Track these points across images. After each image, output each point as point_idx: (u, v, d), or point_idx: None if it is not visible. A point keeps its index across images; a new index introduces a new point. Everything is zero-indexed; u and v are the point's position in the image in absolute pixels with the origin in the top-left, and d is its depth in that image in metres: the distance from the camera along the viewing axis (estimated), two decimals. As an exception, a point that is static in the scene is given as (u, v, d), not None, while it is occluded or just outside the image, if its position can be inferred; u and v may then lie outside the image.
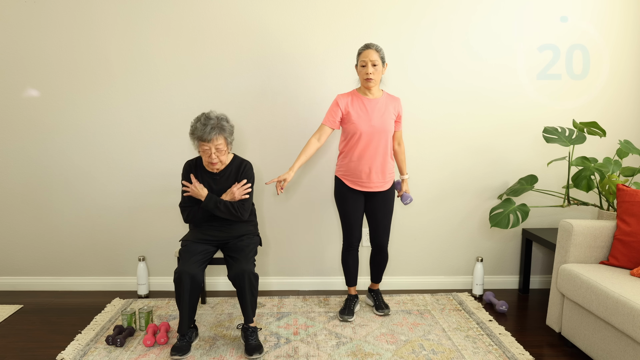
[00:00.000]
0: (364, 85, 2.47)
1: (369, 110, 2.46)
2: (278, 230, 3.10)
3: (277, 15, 2.88)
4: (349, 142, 2.48)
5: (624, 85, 3.05)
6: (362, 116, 2.44)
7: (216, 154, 2.26)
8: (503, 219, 2.75)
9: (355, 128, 2.44)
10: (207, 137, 2.20)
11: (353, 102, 2.47)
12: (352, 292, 2.73)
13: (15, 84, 2.91)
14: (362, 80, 2.45)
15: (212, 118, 2.24)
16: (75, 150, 2.98)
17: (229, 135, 2.29)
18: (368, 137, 2.44)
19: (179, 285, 2.17)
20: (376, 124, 2.44)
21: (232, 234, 2.40)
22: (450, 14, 2.92)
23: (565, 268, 2.28)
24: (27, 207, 3.04)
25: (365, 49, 2.40)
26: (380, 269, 2.73)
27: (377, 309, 2.72)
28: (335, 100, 2.49)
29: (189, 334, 2.25)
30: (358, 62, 2.44)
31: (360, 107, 2.46)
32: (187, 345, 2.23)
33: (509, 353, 2.28)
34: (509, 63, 2.99)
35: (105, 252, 3.10)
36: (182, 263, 2.20)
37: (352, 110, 2.45)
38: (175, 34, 2.88)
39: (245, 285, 2.18)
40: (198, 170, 2.40)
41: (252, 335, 2.26)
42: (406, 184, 2.69)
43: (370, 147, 2.46)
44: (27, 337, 2.45)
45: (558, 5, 2.94)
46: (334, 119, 2.47)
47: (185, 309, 2.18)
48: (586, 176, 2.63)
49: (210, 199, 2.29)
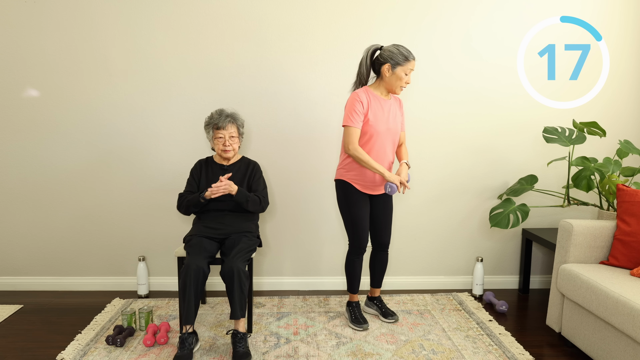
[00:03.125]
0: (388, 89, 2.36)
1: (385, 110, 2.36)
2: (278, 230, 3.10)
3: (277, 15, 2.88)
4: (365, 144, 2.35)
5: (624, 85, 3.05)
6: (379, 117, 2.33)
7: (229, 142, 2.44)
8: (503, 219, 2.75)
9: (372, 129, 2.32)
10: (222, 124, 2.42)
11: (371, 101, 2.32)
12: (356, 298, 2.63)
13: (15, 84, 2.91)
14: (395, 87, 2.32)
15: (226, 110, 2.49)
16: (75, 150, 2.98)
17: (241, 126, 2.50)
18: (383, 138, 2.35)
19: (187, 277, 2.16)
20: (391, 126, 2.38)
21: (233, 230, 2.41)
22: (451, 14, 2.92)
23: (565, 268, 2.28)
24: (27, 207, 3.04)
25: (413, 59, 2.28)
26: (382, 271, 2.66)
27: (386, 316, 2.63)
28: (357, 99, 2.29)
29: (189, 340, 2.19)
30: (397, 67, 2.28)
31: (377, 107, 2.34)
32: (189, 353, 2.17)
33: (509, 353, 2.28)
34: (509, 63, 2.99)
35: (105, 252, 3.10)
36: (191, 256, 2.21)
37: (371, 110, 2.32)
38: (175, 34, 2.88)
39: (234, 281, 2.16)
40: (209, 167, 2.53)
41: (240, 341, 2.20)
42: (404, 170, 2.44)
43: (384, 149, 2.38)
44: (27, 337, 2.45)
45: (558, 5, 2.94)
46: (358, 119, 2.29)
47: (192, 300, 2.17)
48: (586, 176, 2.63)
49: (242, 192, 2.40)
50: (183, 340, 2.17)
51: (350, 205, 2.43)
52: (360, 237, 2.47)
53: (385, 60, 2.30)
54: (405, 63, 2.28)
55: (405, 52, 2.28)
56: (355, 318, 2.57)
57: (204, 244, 2.32)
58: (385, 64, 2.31)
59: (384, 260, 2.64)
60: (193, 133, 2.98)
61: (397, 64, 2.28)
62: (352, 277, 2.57)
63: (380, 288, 2.74)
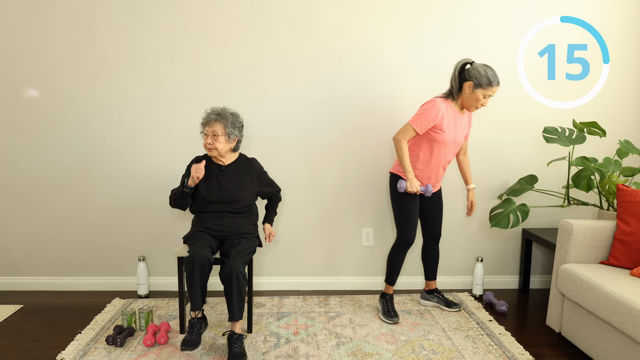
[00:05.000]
0: (464, 105, 2.46)
1: (457, 124, 2.48)
2: (278, 230, 3.10)
3: (277, 14, 2.88)
4: (429, 149, 2.46)
5: (624, 85, 3.05)
6: (450, 130, 2.44)
7: (212, 139, 2.32)
8: (503, 219, 2.75)
9: (442, 138, 2.43)
10: (206, 120, 2.35)
11: (446, 114, 2.42)
12: (391, 291, 2.72)
13: (15, 83, 2.91)
14: (471, 105, 2.43)
15: (219, 108, 2.38)
16: (75, 150, 2.98)
17: (229, 125, 2.34)
18: (447, 147, 2.48)
19: (192, 265, 2.17)
20: (458, 138, 2.50)
21: (233, 230, 2.40)
22: (452, 13, 2.92)
23: (565, 268, 2.28)
24: (27, 207, 3.04)
25: (497, 84, 2.36)
26: (436, 263, 2.78)
27: (450, 305, 2.76)
28: (435, 111, 2.38)
29: (197, 325, 2.20)
30: (479, 88, 2.35)
31: (451, 120, 2.45)
32: (197, 338, 2.19)
33: (509, 353, 2.28)
34: (509, 63, 2.99)
35: (105, 252, 3.10)
36: (196, 247, 2.22)
37: (445, 120, 2.42)
38: (175, 33, 2.88)
39: (233, 283, 2.17)
40: (208, 165, 2.46)
41: (236, 342, 2.20)
42: (472, 194, 2.72)
43: (445, 155, 2.51)
44: (27, 337, 2.45)
45: (558, 5, 2.94)
46: (426, 127, 2.40)
47: (198, 286, 2.18)
48: (586, 176, 2.63)
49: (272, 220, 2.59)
50: (192, 325, 2.19)
51: (407, 200, 2.53)
52: (409, 231, 2.57)
53: (470, 78, 2.38)
54: (487, 87, 2.36)
55: (490, 77, 2.35)
56: (387, 311, 2.64)
57: (207, 237, 2.33)
58: (468, 81, 2.38)
59: (436, 252, 2.77)
60: (193, 133, 2.98)
61: (479, 86, 2.36)
62: (395, 269, 2.66)
63: (436, 280, 2.85)
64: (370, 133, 3.01)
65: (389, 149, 3.04)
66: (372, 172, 3.06)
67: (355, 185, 3.08)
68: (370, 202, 3.10)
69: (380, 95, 2.98)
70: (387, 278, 2.69)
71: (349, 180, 3.07)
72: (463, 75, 2.41)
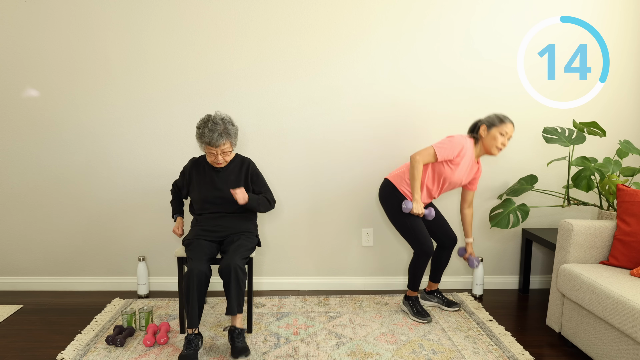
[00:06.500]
0: (486, 150, 2.53)
1: (468, 168, 2.57)
2: (278, 230, 3.10)
3: (276, 14, 2.88)
4: (434, 178, 2.56)
5: (624, 85, 3.05)
6: (463, 169, 2.54)
7: (222, 156, 2.35)
8: (503, 219, 2.75)
9: (451, 173, 2.52)
10: (215, 143, 2.28)
11: (467, 153, 2.51)
12: (416, 293, 2.74)
13: (15, 83, 2.91)
14: (491, 146, 2.49)
15: (219, 122, 2.29)
16: (75, 150, 2.98)
17: (234, 138, 2.37)
18: (448, 183, 2.57)
19: (190, 281, 2.16)
20: (462, 181, 2.60)
21: (231, 230, 2.40)
22: (451, 13, 2.92)
23: (565, 268, 2.28)
24: (27, 207, 3.04)
25: (509, 122, 2.47)
26: (445, 266, 2.80)
27: (450, 305, 2.79)
28: (463, 142, 2.48)
29: (195, 341, 2.18)
30: (492, 127, 2.47)
31: (467, 161, 2.54)
32: (195, 354, 2.15)
33: (509, 353, 2.28)
34: (509, 63, 2.99)
35: (105, 252, 3.10)
36: (193, 261, 2.21)
37: (463, 160, 2.51)
38: (175, 34, 2.88)
39: (232, 276, 2.16)
40: (201, 167, 2.47)
41: (238, 337, 2.20)
42: (471, 247, 2.76)
43: (441, 189, 2.61)
44: (27, 337, 2.45)
45: (558, 5, 2.94)
46: (446, 157, 2.47)
47: (195, 305, 2.17)
48: (586, 176, 2.63)
49: (253, 198, 2.41)
50: (190, 340, 2.17)
51: (403, 214, 2.57)
52: (424, 242, 2.57)
53: (482, 122, 2.54)
54: (500, 124, 2.47)
55: (501, 116, 2.49)
56: (417, 311, 2.67)
57: (204, 246, 2.31)
58: (482, 124, 2.53)
59: (448, 257, 2.77)
60: (193, 133, 2.98)
61: (493, 125, 2.49)
62: (418, 277, 2.67)
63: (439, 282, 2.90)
64: (370, 133, 3.01)
65: (389, 149, 3.04)
66: (372, 172, 3.06)
67: (355, 185, 3.08)
68: (370, 202, 3.10)
69: (380, 95, 2.98)
70: (410, 284, 2.69)
71: (348, 180, 3.07)
72: (477, 127, 2.58)
